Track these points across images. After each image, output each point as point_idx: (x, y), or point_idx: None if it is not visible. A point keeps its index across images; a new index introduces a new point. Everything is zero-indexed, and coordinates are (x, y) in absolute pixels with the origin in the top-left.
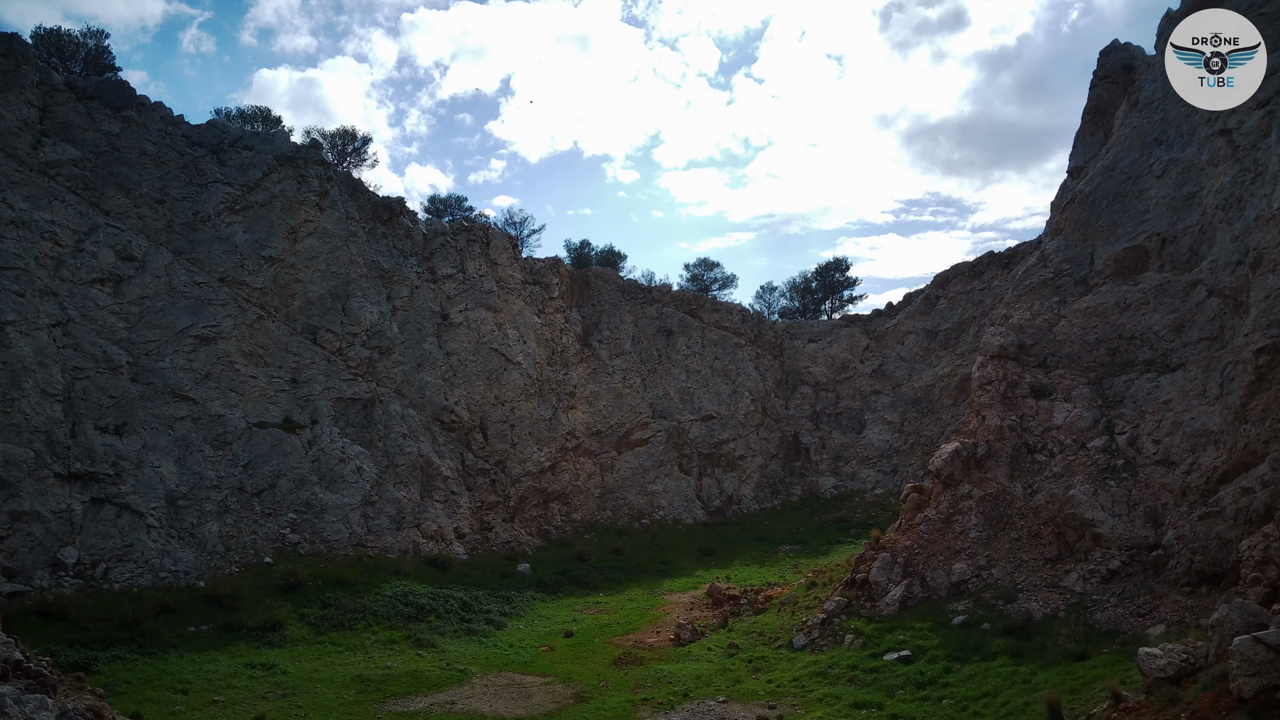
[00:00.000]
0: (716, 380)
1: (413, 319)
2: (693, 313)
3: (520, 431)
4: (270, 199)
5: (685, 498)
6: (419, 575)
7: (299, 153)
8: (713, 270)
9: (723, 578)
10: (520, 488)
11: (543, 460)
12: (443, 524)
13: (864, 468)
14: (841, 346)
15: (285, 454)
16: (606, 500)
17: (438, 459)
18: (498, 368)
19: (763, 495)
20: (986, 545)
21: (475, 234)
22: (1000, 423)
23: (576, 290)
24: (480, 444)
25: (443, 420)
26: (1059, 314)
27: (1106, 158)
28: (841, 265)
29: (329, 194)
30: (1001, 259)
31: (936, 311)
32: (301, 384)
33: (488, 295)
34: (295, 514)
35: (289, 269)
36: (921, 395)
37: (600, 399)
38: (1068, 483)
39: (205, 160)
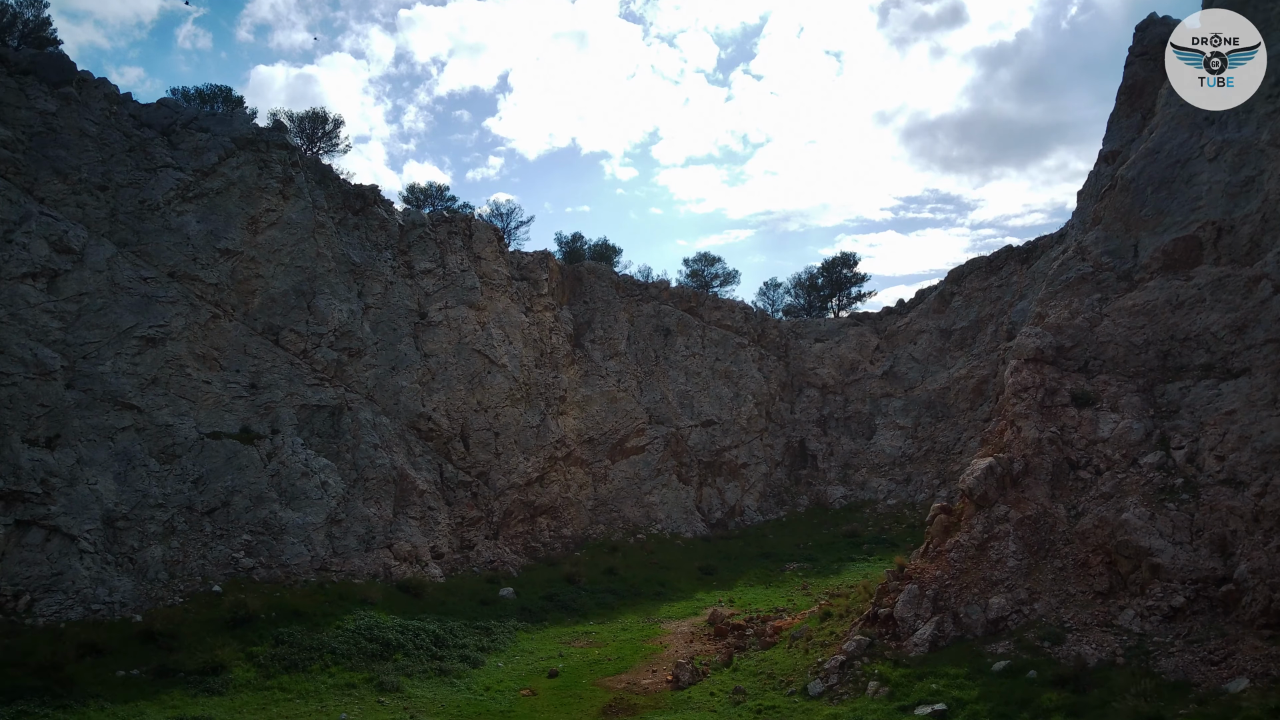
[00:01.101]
0: (717, 383)
1: (387, 318)
2: (692, 311)
3: (505, 440)
4: (227, 186)
5: (684, 509)
6: (388, 603)
7: (260, 135)
8: (713, 266)
9: (725, 601)
10: (505, 501)
11: (530, 471)
12: (418, 543)
13: (875, 476)
14: (850, 346)
15: (241, 468)
16: (599, 513)
17: (413, 471)
18: (480, 371)
19: (767, 506)
20: (1027, 576)
21: (457, 225)
22: (1039, 435)
23: (567, 287)
24: (461, 454)
25: (419, 428)
26: (1101, 312)
27: (1150, 140)
28: (849, 261)
29: (294, 181)
30: (1020, 253)
31: (951, 309)
32: (261, 390)
33: (470, 292)
34: (250, 535)
35: (248, 263)
36: (936, 398)
37: (593, 404)
38: (1118, 504)
39: (154, 143)
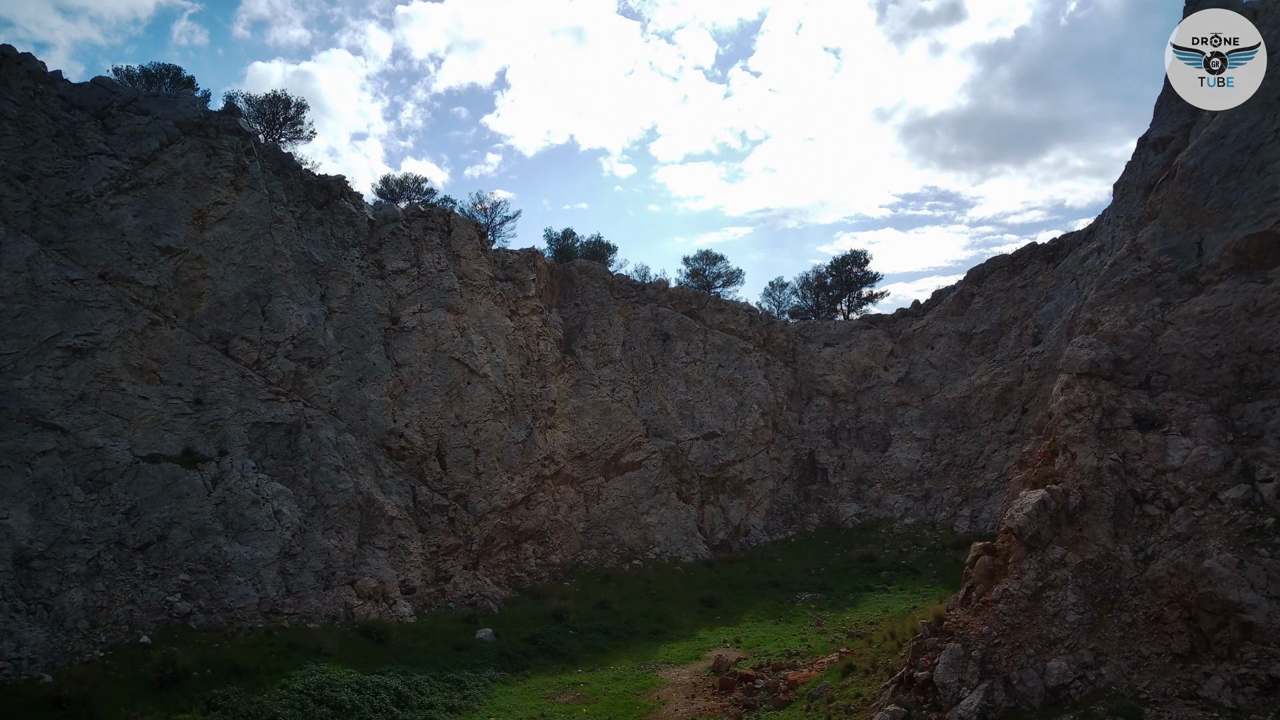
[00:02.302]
0: (720, 391)
1: (353, 323)
2: (693, 313)
3: (487, 457)
4: (170, 176)
5: (685, 530)
6: (347, 652)
7: (209, 119)
8: (715, 265)
9: (731, 641)
10: (486, 526)
11: (514, 492)
12: (385, 578)
13: (890, 492)
14: (862, 351)
15: (181, 496)
16: (592, 536)
17: (381, 495)
18: (459, 381)
19: (774, 525)
20: (1090, 633)
21: (434, 221)
22: (1097, 463)
23: (557, 287)
24: (437, 474)
25: (389, 447)
26: (1163, 320)
27: (1214, 124)
28: (859, 259)
29: (247, 170)
30: (1045, 251)
31: (971, 311)
32: (207, 406)
33: (448, 294)
34: (190, 575)
35: (194, 262)
36: (956, 408)
37: (584, 415)
38: (1198, 548)
39: (86, 127)
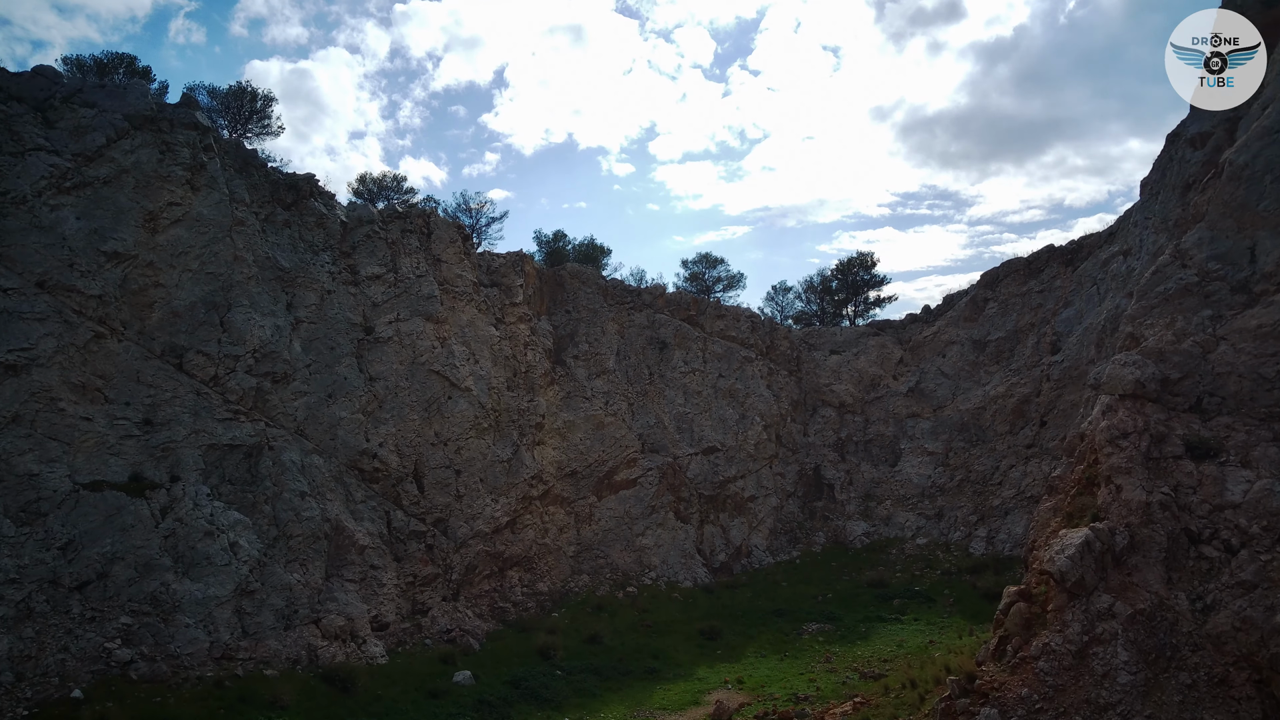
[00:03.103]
0: (720, 403)
1: (323, 334)
2: (691, 320)
3: (469, 478)
4: (118, 174)
5: (683, 552)
6: (306, 704)
7: (162, 113)
8: (715, 268)
9: (733, 681)
10: (468, 553)
11: (498, 514)
12: (354, 614)
13: (901, 510)
14: (870, 359)
15: (126, 528)
16: (583, 561)
17: (352, 522)
18: (439, 396)
19: (778, 545)
20: (1145, 696)
21: (413, 222)
22: (1146, 497)
23: (547, 293)
24: (413, 498)
25: (362, 468)
26: (1214, 334)
27: (1268, 116)
28: (866, 261)
29: (205, 168)
30: (1063, 254)
31: (985, 317)
32: (158, 427)
33: (427, 301)
34: (132, 617)
35: (144, 269)
36: (970, 420)
37: (576, 430)
38: (1268, 599)
39: (24, 120)
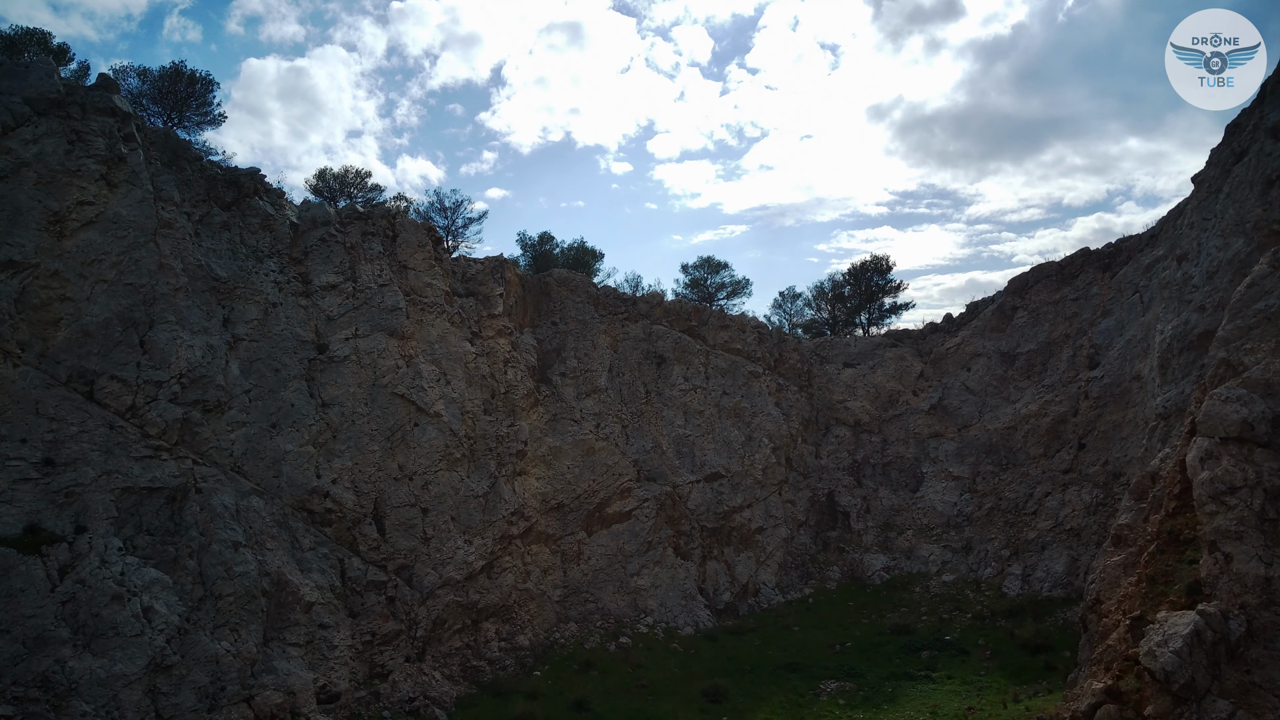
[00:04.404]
0: (725, 424)
1: (266, 353)
2: (692, 331)
3: (438, 517)
4: (16, 168)
5: (683, 593)
6: None
7: (73, 96)
8: (718, 273)
9: None
10: (436, 605)
11: (472, 558)
12: (297, 685)
13: (924, 541)
14: (888, 373)
15: (14, 592)
16: (570, 606)
17: (297, 575)
18: (404, 422)
19: (788, 581)
20: None
21: (375, 224)
22: (1266, 571)
23: (531, 303)
24: (373, 542)
25: (311, 510)
26: None
27: None
28: (880, 265)
29: (126, 161)
30: (1099, 259)
31: (1014, 328)
32: (61, 468)
33: (391, 314)
34: (14, 705)
35: (47, 280)
36: (999, 441)
37: (563, 458)
38: None
39: None
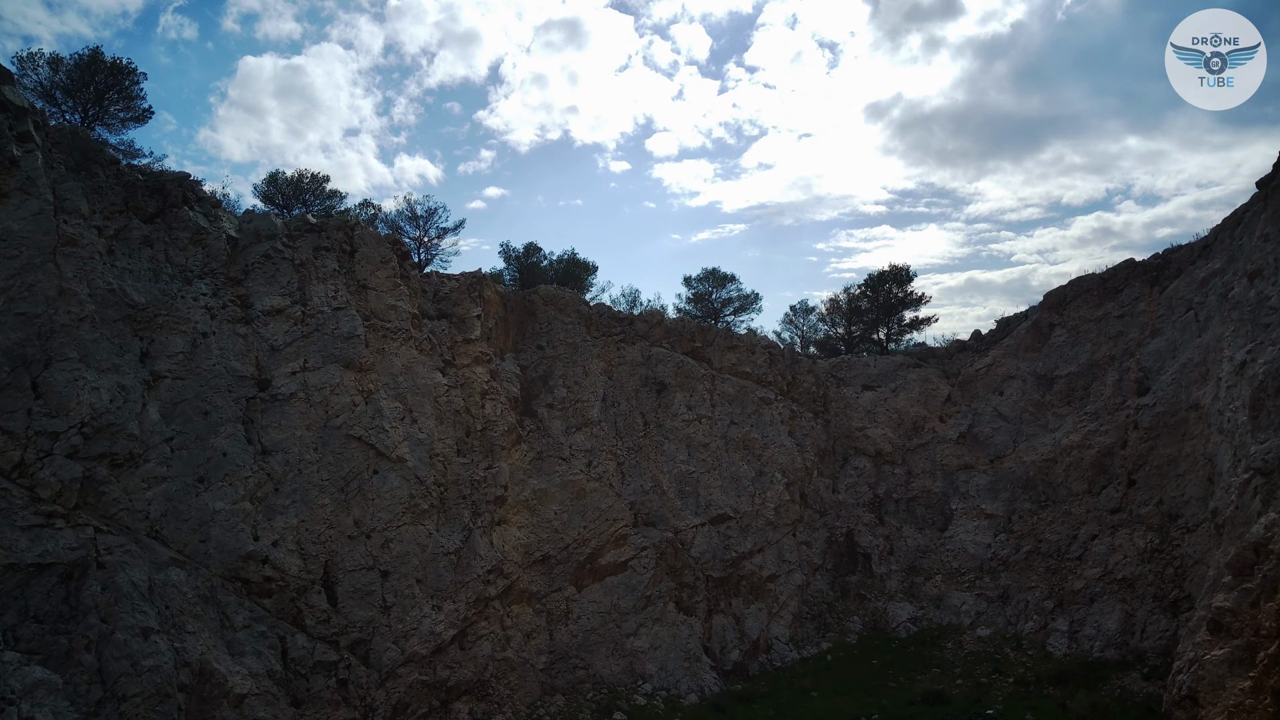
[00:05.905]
0: (733, 457)
1: (194, 393)
2: (696, 353)
3: (401, 580)
4: None
5: (686, 654)
6: None
7: None
8: (724, 287)
9: None
10: (397, 686)
11: (441, 627)
12: None
13: (955, 588)
14: (911, 396)
15: None
16: (557, 674)
17: (225, 662)
18: (361, 469)
19: (804, 634)
20: None
21: (329, 237)
22: None
23: (514, 325)
24: (322, 614)
25: (246, 579)
26: None
27: None
28: (900, 276)
29: (19, 165)
30: (1146, 271)
31: (1051, 347)
32: None
33: (347, 342)
34: None
35: None
36: (1037, 474)
37: (549, 502)
38: None
39: None
